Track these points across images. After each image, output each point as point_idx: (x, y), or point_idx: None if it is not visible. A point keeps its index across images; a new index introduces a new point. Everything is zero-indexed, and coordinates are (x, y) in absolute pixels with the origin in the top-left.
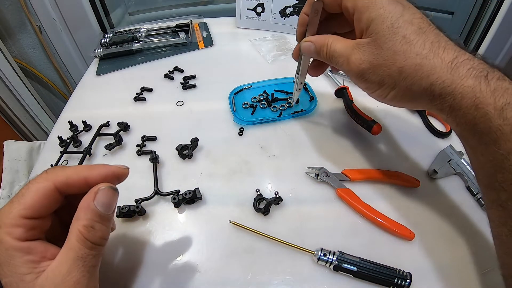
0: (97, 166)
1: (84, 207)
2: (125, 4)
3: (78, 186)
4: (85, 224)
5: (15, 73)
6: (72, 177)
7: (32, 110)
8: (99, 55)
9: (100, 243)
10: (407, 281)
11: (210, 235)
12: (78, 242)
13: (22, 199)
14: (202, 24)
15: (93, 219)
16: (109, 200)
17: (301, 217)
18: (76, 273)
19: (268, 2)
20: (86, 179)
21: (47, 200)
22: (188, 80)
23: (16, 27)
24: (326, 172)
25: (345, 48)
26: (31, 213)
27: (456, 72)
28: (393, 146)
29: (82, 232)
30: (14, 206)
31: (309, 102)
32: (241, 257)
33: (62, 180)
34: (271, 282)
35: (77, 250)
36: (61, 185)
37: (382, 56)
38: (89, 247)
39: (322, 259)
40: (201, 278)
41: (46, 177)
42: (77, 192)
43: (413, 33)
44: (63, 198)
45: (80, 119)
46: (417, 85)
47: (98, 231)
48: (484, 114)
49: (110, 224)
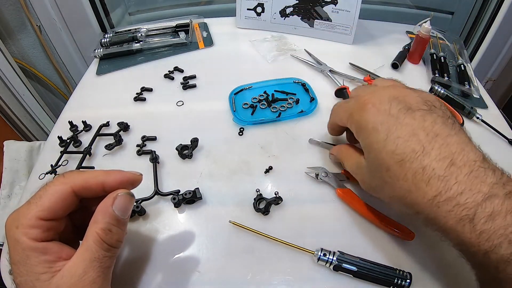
0: (113, 171)
1: (102, 211)
2: (125, 4)
3: (94, 190)
4: (103, 227)
5: (15, 73)
6: (90, 181)
7: (32, 110)
8: (99, 55)
9: (116, 246)
10: (407, 281)
11: (210, 235)
12: (95, 243)
13: (39, 201)
14: (202, 24)
15: (110, 222)
16: (126, 205)
17: (301, 217)
18: (92, 273)
19: (268, 2)
20: (103, 184)
21: (64, 203)
22: (188, 80)
23: (16, 27)
24: (326, 172)
25: (351, 167)
26: (47, 214)
27: (439, 210)
28: None
29: (100, 234)
30: (31, 207)
31: (309, 102)
32: (241, 257)
33: (79, 183)
34: (271, 282)
35: (93, 251)
36: (79, 189)
37: (375, 182)
38: (105, 249)
39: (322, 259)
40: (201, 278)
41: (63, 180)
42: (93, 196)
43: (395, 164)
44: (78, 201)
45: (80, 119)
46: (407, 210)
47: (115, 234)
48: (469, 252)
49: (126, 228)
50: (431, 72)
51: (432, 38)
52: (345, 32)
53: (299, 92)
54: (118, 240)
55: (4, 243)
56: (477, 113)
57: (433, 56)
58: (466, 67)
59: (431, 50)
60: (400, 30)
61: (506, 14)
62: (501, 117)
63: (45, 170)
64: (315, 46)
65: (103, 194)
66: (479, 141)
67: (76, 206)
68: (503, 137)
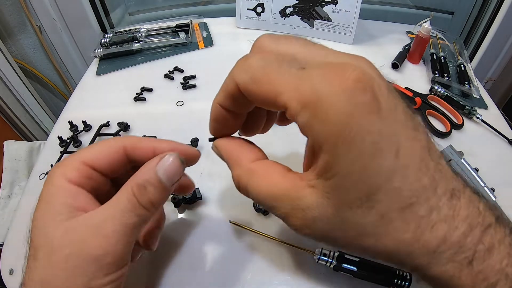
0: (167, 140)
1: (144, 168)
2: (125, 4)
3: (145, 152)
4: (139, 182)
5: (15, 73)
6: (142, 142)
7: (32, 110)
8: (99, 55)
9: (147, 207)
10: (407, 281)
11: (210, 235)
12: (124, 196)
13: (89, 148)
14: (202, 24)
15: (148, 180)
16: (173, 169)
17: None
18: (111, 224)
19: (268, 2)
20: (155, 149)
21: (112, 156)
22: (188, 80)
23: (16, 27)
24: None
25: (271, 189)
26: (92, 160)
27: (438, 259)
28: None
29: (133, 188)
30: (79, 152)
31: None
32: (241, 257)
33: (132, 142)
34: (271, 282)
35: (120, 203)
36: (129, 147)
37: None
38: (133, 205)
39: (322, 259)
40: (201, 278)
41: (115, 139)
42: (142, 160)
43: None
44: (126, 164)
45: (80, 119)
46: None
47: (150, 193)
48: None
49: (165, 197)
50: (431, 72)
51: (432, 38)
52: (345, 32)
53: None
54: (151, 202)
55: (4, 243)
56: (477, 113)
57: (433, 56)
58: (466, 67)
59: (431, 50)
60: (400, 30)
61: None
62: (501, 117)
63: (45, 170)
64: None
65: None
66: (479, 141)
67: (123, 170)
68: (503, 137)
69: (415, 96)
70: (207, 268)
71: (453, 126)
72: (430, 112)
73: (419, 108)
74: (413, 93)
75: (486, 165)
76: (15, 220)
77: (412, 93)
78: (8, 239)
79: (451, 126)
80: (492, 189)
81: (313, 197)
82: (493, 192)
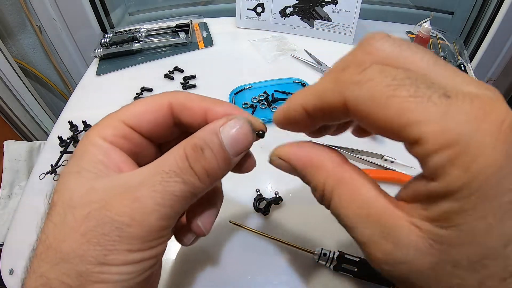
0: (224, 102)
1: (205, 128)
2: (125, 4)
3: (193, 113)
4: (195, 142)
5: (15, 73)
6: (193, 101)
7: (32, 110)
8: (99, 55)
9: (199, 175)
10: None
11: (210, 235)
12: (172, 156)
13: (129, 106)
14: (202, 24)
15: (208, 143)
16: (240, 136)
17: (301, 217)
18: (147, 188)
19: (268, 2)
20: (207, 111)
21: (154, 114)
22: (188, 80)
23: (16, 27)
24: None
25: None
26: (131, 118)
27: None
28: (392, 146)
29: (186, 148)
30: (121, 109)
31: None
32: (241, 257)
33: (180, 99)
34: (271, 282)
35: (165, 164)
36: (176, 104)
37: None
38: (183, 169)
39: (322, 258)
40: (201, 278)
41: (163, 93)
42: (191, 123)
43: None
44: (173, 127)
45: (80, 119)
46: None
47: (207, 159)
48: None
49: (224, 169)
50: None
51: (432, 38)
52: (345, 32)
53: None
54: (206, 171)
55: (4, 243)
56: None
57: None
58: (466, 67)
59: (431, 50)
60: (400, 30)
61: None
62: None
63: (45, 170)
64: (315, 46)
65: (204, 124)
66: None
67: (170, 133)
68: None
69: None
70: (207, 268)
71: None
72: None
73: None
74: None
75: None
76: (15, 220)
77: None
78: (8, 239)
79: None
80: None
81: (412, 237)
82: None
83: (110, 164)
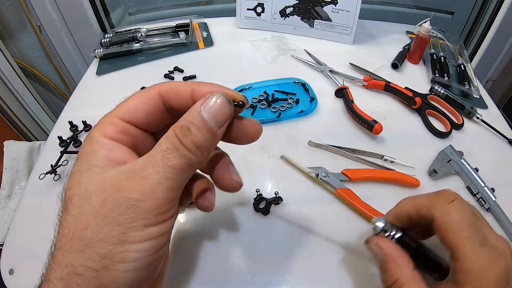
0: (208, 83)
1: (188, 112)
2: (125, 4)
3: (182, 97)
4: (182, 123)
5: (15, 73)
6: (178, 86)
7: (32, 110)
8: (99, 55)
9: (190, 148)
10: None
11: (210, 235)
12: (165, 139)
13: (124, 102)
14: (202, 24)
15: (192, 121)
16: (219, 108)
17: (301, 217)
18: (150, 167)
19: (268, 2)
20: (193, 92)
21: (147, 105)
22: (188, 80)
23: (16, 27)
24: (326, 172)
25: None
26: (127, 114)
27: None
28: (393, 146)
29: (175, 130)
30: (115, 108)
31: (309, 102)
32: (241, 257)
33: (167, 87)
34: (271, 282)
35: (161, 145)
36: (165, 92)
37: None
38: (176, 145)
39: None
40: (201, 279)
41: (151, 86)
42: (181, 106)
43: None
44: (165, 114)
45: (80, 119)
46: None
47: (193, 135)
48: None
49: (211, 140)
50: (431, 72)
51: (432, 38)
52: (345, 32)
53: (299, 92)
54: (195, 144)
55: (4, 243)
56: (477, 113)
57: (433, 56)
58: (466, 67)
59: (431, 50)
60: (400, 30)
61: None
62: (501, 117)
63: (45, 170)
64: (315, 46)
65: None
66: (479, 141)
67: (163, 121)
68: (503, 137)
69: (415, 96)
70: (207, 268)
71: (453, 126)
72: (430, 112)
73: (419, 108)
74: (413, 93)
75: (486, 165)
76: (15, 220)
77: (412, 93)
78: (8, 239)
79: (451, 126)
80: (492, 189)
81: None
82: (493, 192)
83: (115, 158)
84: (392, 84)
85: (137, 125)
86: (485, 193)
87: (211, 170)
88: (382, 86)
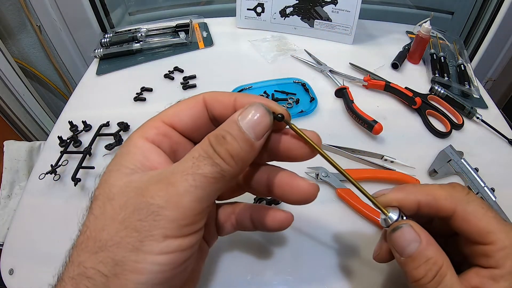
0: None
1: (226, 121)
2: (125, 4)
3: (225, 106)
4: (217, 132)
5: (15, 73)
6: (222, 94)
7: (32, 110)
8: (99, 55)
9: (225, 158)
10: None
11: None
12: (198, 146)
13: (169, 107)
14: (202, 24)
15: (229, 131)
16: (258, 120)
17: (301, 217)
18: (180, 174)
19: (268, 2)
20: (236, 101)
21: (192, 110)
22: (188, 80)
23: (16, 27)
24: (326, 172)
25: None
26: (171, 117)
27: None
28: (392, 146)
29: (210, 138)
30: (161, 112)
31: (309, 103)
32: (241, 257)
33: (212, 95)
34: (271, 282)
35: (193, 152)
36: (210, 99)
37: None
38: (209, 153)
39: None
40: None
41: (197, 94)
42: (222, 114)
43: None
44: (208, 122)
45: (80, 119)
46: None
47: (229, 144)
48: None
49: (248, 151)
50: (431, 72)
51: (432, 38)
52: (345, 32)
53: (299, 92)
54: (230, 154)
55: (4, 243)
56: (477, 113)
57: (433, 56)
58: (466, 67)
59: (431, 50)
60: (400, 30)
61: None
62: (501, 117)
63: (45, 170)
64: (315, 46)
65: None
66: (479, 141)
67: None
68: (503, 137)
69: (415, 96)
70: (206, 268)
71: (453, 126)
72: (430, 112)
73: (419, 108)
74: (413, 93)
75: (486, 165)
76: (15, 220)
77: (412, 93)
78: (8, 239)
79: (451, 126)
80: (492, 189)
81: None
82: (493, 192)
83: (148, 163)
84: (392, 84)
85: (180, 129)
86: (485, 193)
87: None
88: (382, 86)
